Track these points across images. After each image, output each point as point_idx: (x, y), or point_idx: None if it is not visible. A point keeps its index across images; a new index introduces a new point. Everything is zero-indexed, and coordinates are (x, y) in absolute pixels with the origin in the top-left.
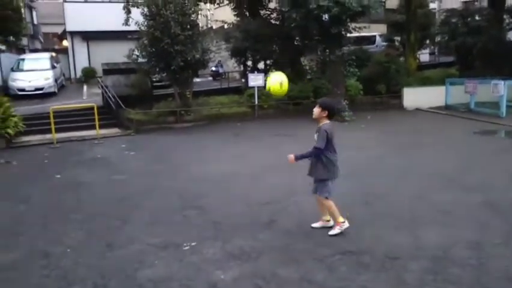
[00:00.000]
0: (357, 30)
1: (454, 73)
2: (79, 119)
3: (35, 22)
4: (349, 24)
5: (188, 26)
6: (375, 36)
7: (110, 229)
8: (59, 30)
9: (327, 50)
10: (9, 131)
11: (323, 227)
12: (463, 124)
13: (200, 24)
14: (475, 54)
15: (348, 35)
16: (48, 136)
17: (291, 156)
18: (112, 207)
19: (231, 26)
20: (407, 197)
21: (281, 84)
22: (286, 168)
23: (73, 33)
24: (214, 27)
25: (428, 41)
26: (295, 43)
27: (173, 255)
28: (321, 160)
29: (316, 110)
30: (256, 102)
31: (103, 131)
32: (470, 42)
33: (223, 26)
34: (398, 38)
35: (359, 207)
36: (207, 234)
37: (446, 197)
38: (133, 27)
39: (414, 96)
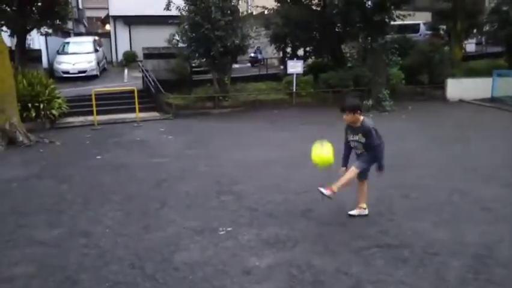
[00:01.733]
0: (401, 18)
1: (502, 64)
2: (119, 101)
3: (80, 7)
4: (393, 11)
5: (229, 12)
6: (419, 24)
7: (148, 211)
8: (102, 14)
9: (369, 38)
10: (54, 112)
11: (359, 215)
12: (509, 117)
13: (240, 10)
14: None
15: (392, 22)
16: (90, 118)
17: (380, 172)
18: (150, 189)
19: (272, 11)
20: (448, 191)
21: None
22: None
23: (116, 18)
24: (254, 13)
25: (475, 30)
26: (336, 30)
27: (209, 239)
28: (378, 150)
29: (348, 117)
30: (294, 90)
31: (143, 114)
32: None
33: (263, 12)
34: (444, 27)
35: (398, 199)
36: (242, 220)
37: (488, 193)
38: (174, 12)
39: (458, 88)
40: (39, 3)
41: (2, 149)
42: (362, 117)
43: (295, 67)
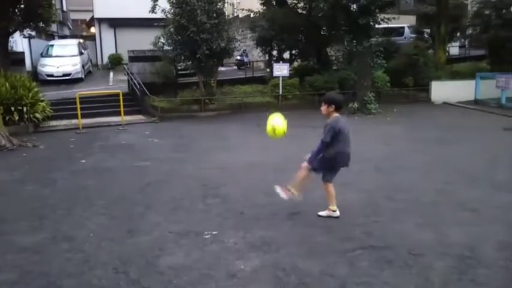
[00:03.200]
0: (386, 21)
1: (484, 67)
2: (104, 105)
3: (64, 9)
4: (378, 15)
5: (215, 15)
6: (403, 27)
7: (133, 215)
8: (87, 17)
9: (354, 41)
10: (38, 115)
11: (329, 216)
12: (492, 120)
13: (226, 13)
14: (508, 48)
15: (376, 26)
16: (74, 121)
17: (305, 165)
18: (134, 193)
19: (257, 14)
20: (432, 192)
21: (274, 129)
22: None
23: (101, 20)
24: (240, 15)
25: (458, 34)
26: (322, 33)
27: (194, 243)
28: (328, 151)
29: (323, 108)
30: (281, 93)
31: (128, 118)
32: (503, 35)
33: (249, 15)
34: (428, 30)
35: (383, 201)
36: (228, 223)
37: (473, 194)
38: (159, 14)
39: (442, 90)
40: (22, 5)
41: None
42: (336, 115)
43: (281, 70)
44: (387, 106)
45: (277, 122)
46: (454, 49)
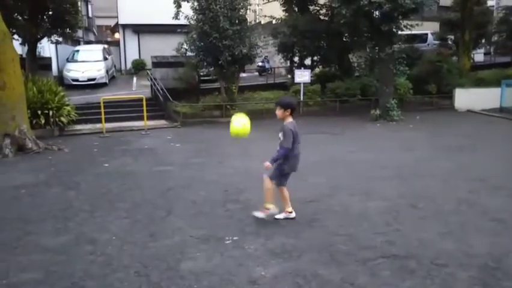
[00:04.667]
0: (409, 28)
1: (510, 74)
2: (128, 109)
3: (90, 15)
4: (401, 21)
5: (237, 21)
6: (427, 34)
7: (154, 219)
8: (112, 23)
9: (377, 48)
10: (63, 119)
11: (286, 218)
12: None
13: (248, 19)
14: None
15: (399, 32)
16: (98, 125)
17: (267, 164)
18: (156, 197)
19: (279, 21)
20: (455, 201)
21: (244, 126)
22: (330, 166)
23: (125, 26)
24: (262, 22)
25: (483, 40)
26: (344, 39)
27: (215, 248)
28: (286, 156)
29: (278, 112)
30: (302, 99)
31: (151, 123)
32: None
33: (271, 22)
34: (452, 37)
35: (405, 209)
36: (249, 229)
37: (496, 203)
38: (182, 21)
39: (466, 98)
40: (50, 12)
41: (12, 156)
42: (289, 119)
43: (302, 76)
44: (410, 113)
45: (243, 122)
46: (478, 56)
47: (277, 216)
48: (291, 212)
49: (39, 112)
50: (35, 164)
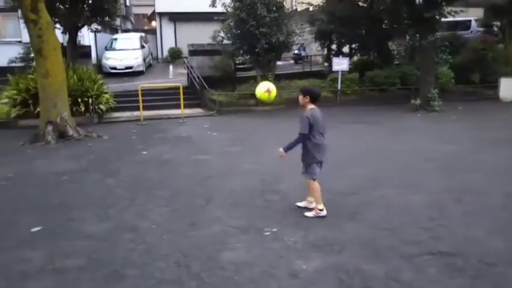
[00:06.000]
0: (453, 15)
1: None
2: (164, 97)
3: (127, 4)
4: (444, 7)
5: (274, 8)
6: (470, 20)
7: (193, 208)
8: (149, 11)
9: (418, 35)
10: (102, 106)
11: (306, 207)
12: None
13: (285, 6)
14: None
15: (442, 19)
16: (136, 113)
17: (281, 151)
18: (195, 186)
19: (317, 8)
20: (502, 196)
21: (269, 91)
22: (370, 158)
23: (161, 14)
24: (298, 9)
25: None
26: (383, 27)
27: (255, 239)
28: (305, 145)
29: (300, 98)
30: (339, 88)
31: (187, 111)
32: None
33: (308, 9)
34: (497, 23)
35: (449, 204)
36: (288, 220)
37: None
38: (219, 8)
39: None
40: (90, 1)
41: (54, 142)
42: (311, 106)
43: (340, 64)
44: (452, 103)
45: (270, 86)
46: None
47: (298, 204)
48: (312, 202)
49: (79, 100)
50: (76, 151)
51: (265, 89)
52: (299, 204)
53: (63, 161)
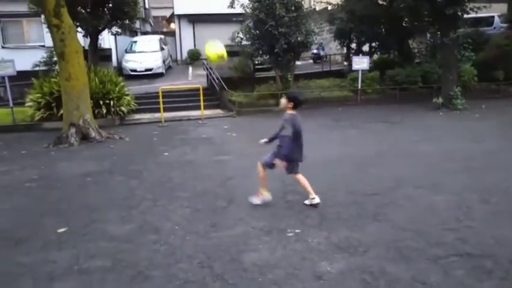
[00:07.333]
0: (475, 11)
1: None
2: (184, 99)
3: (147, 6)
4: (466, 3)
5: (293, 8)
6: (493, 17)
7: (215, 209)
8: (167, 13)
9: (439, 32)
10: (123, 108)
11: (311, 204)
12: None
13: (304, 6)
14: None
15: (465, 16)
16: (156, 115)
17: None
18: (216, 187)
19: (336, 7)
20: None
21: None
22: (392, 157)
23: (180, 16)
24: (317, 8)
25: None
26: (404, 24)
27: (278, 240)
28: (293, 143)
29: (283, 101)
30: (360, 87)
31: (207, 112)
32: None
33: (326, 8)
34: None
35: (476, 204)
36: (310, 221)
37: None
38: (238, 9)
39: None
40: (110, 4)
41: (77, 144)
42: (292, 112)
43: (361, 63)
44: (475, 101)
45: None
46: None
47: (306, 202)
48: (313, 198)
49: (101, 102)
50: (98, 153)
51: (216, 53)
52: (306, 202)
53: (86, 163)
